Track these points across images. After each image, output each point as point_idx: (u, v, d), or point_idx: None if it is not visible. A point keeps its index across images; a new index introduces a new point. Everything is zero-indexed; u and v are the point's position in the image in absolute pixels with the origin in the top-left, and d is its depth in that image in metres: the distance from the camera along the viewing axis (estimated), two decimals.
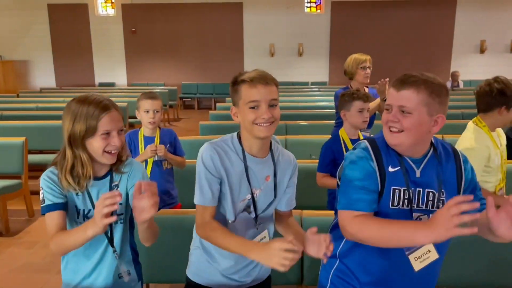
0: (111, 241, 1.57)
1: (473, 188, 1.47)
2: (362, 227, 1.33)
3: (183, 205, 2.87)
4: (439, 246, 1.39)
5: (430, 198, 1.39)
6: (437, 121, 1.35)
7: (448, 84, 10.65)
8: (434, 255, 1.38)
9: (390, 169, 1.39)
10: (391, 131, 1.37)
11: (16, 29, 13.07)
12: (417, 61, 12.93)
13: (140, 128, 2.82)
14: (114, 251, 1.57)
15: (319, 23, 13.11)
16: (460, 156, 1.47)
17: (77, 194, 1.53)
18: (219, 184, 1.50)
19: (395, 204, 1.38)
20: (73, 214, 1.54)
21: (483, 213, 1.45)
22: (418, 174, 1.40)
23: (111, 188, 1.56)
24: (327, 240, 1.35)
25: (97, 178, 1.56)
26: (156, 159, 2.72)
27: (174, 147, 2.82)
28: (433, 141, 1.45)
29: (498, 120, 2.26)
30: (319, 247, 1.36)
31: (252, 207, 1.54)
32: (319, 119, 5.20)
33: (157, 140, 2.74)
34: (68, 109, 1.48)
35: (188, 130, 9.02)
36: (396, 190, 1.38)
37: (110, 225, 1.56)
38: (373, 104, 3.26)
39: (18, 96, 9.77)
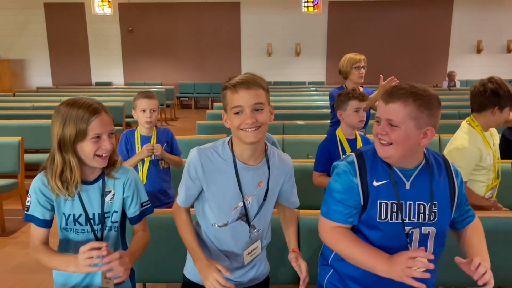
0: None
1: (461, 202, 1.48)
2: (334, 240, 1.42)
3: None
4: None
5: (421, 211, 1.39)
6: (426, 134, 1.34)
7: (445, 84, 10.68)
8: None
9: (375, 183, 1.39)
10: (381, 143, 1.38)
11: (12, 28, 13.02)
12: (414, 61, 12.97)
13: (136, 127, 2.81)
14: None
15: (316, 23, 13.12)
16: (452, 169, 1.46)
17: (66, 199, 1.52)
18: (202, 190, 1.52)
19: (383, 217, 1.39)
20: (60, 220, 1.55)
21: (469, 227, 1.49)
22: (408, 186, 1.39)
23: (103, 194, 1.55)
24: (303, 273, 1.51)
25: (88, 183, 1.54)
26: (153, 158, 2.72)
27: (171, 147, 2.81)
28: (425, 152, 1.44)
29: (491, 120, 2.26)
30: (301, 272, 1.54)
31: (245, 216, 1.53)
32: (316, 118, 5.21)
33: (153, 140, 2.73)
34: (57, 113, 1.46)
35: (185, 130, 9.01)
36: (383, 204, 1.39)
37: (102, 232, 1.57)
38: (373, 96, 3.27)
39: (14, 95, 9.72)
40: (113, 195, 1.57)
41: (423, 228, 1.40)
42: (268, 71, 13.16)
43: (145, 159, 2.68)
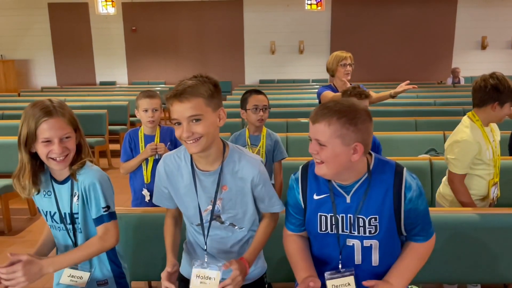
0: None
1: (416, 217, 1.40)
2: (285, 246, 1.60)
3: None
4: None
5: (361, 224, 1.40)
6: (356, 149, 1.33)
7: (449, 81, 10.62)
8: None
9: (315, 197, 1.45)
10: (316, 162, 1.40)
11: (16, 28, 13.07)
12: (418, 57, 12.90)
13: (140, 126, 2.82)
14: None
15: (319, 20, 13.08)
16: (403, 183, 1.38)
17: (44, 195, 1.55)
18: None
19: (323, 229, 1.46)
20: (42, 214, 1.61)
21: (415, 245, 1.46)
22: (348, 200, 1.41)
23: (72, 195, 1.55)
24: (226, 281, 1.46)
25: (59, 182, 1.55)
26: (157, 157, 2.72)
27: (174, 145, 2.81)
28: (370, 165, 1.41)
29: (491, 116, 2.27)
30: None
31: (218, 217, 1.52)
32: None
33: (157, 139, 2.74)
34: (24, 111, 1.48)
35: None
36: (323, 216, 1.45)
37: (74, 232, 1.58)
38: (380, 94, 3.33)
39: (19, 95, 9.78)
40: (78, 197, 1.55)
41: (364, 241, 1.42)
42: (271, 69, 13.15)
43: (149, 158, 2.69)
